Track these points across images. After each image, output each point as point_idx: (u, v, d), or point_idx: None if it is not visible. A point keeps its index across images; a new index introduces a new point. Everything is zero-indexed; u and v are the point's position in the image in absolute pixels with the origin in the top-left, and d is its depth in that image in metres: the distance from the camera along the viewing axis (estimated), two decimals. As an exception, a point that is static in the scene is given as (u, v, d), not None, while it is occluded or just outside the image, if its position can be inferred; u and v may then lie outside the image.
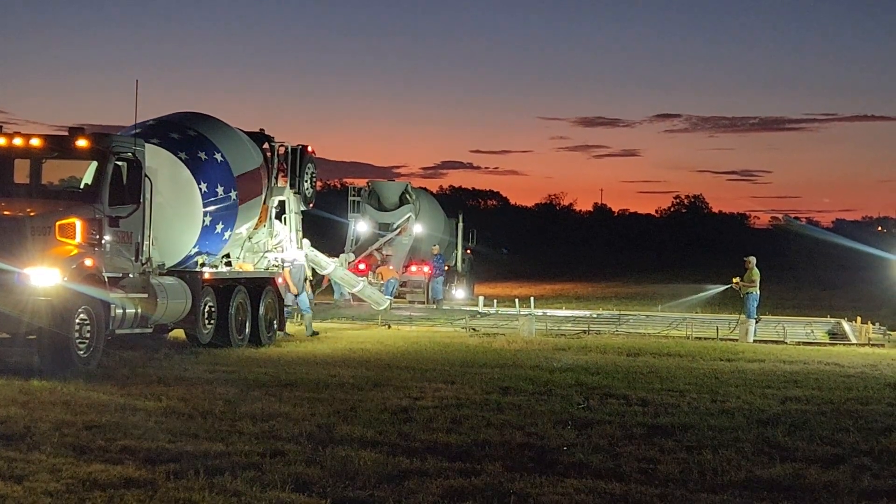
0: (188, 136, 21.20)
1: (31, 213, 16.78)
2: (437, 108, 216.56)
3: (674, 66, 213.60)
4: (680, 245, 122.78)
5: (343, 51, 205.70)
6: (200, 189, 20.46)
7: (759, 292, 27.64)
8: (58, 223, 16.85)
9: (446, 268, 44.41)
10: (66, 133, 18.37)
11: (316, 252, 28.15)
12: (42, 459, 9.91)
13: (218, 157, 21.19)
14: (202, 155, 20.88)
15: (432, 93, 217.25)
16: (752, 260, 27.85)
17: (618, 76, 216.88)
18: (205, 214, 20.54)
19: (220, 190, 20.96)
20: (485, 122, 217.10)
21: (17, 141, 18.07)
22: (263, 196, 23.22)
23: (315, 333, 24.84)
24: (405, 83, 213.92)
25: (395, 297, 36.62)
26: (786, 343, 26.58)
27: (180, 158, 20.41)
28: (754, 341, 26.52)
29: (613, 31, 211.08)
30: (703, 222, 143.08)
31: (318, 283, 26.97)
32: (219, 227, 21.07)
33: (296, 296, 24.85)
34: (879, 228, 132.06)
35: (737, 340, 26.59)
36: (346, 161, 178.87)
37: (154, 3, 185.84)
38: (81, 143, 17.92)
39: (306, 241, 26.17)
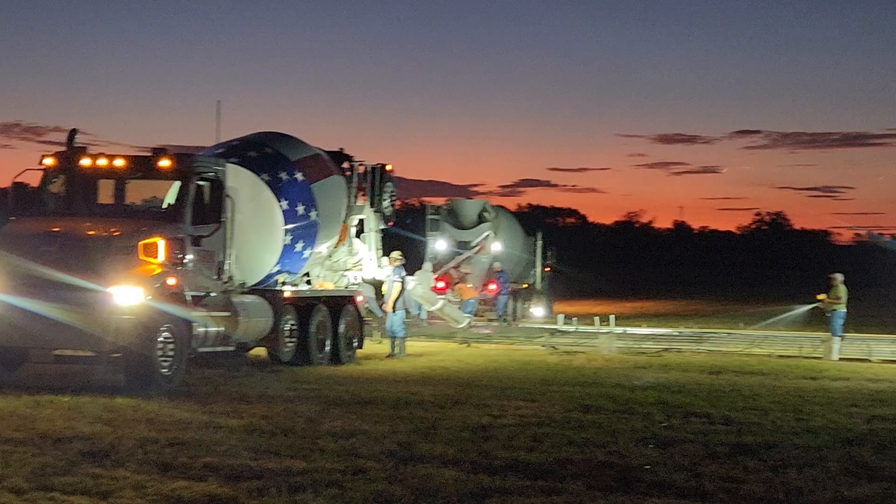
0: (269, 155, 21.37)
1: (116, 233, 17.01)
2: (514, 125, 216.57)
3: (753, 81, 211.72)
4: (761, 262, 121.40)
5: (421, 69, 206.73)
6: (281, 208, 20.60)
7: (845, 310, 27.22)
8: (141, 243, 17.06)
9: (524, 286, 44.32)
10: (150, 153, 18.60)
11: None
12: (127, 476, 10.01)
13: (298, 176, 21.33)
14: (283, 174, 21.03)
15: (510, 111, 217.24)
16: (839, 277, 27.43)
17: (697, 92, 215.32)
18: (286, 233, 20.69)
19: (300, 209, 21.10)
20: (563, 139, 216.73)
21: (102, 161, 18.32)
22: (343, 215, 23.33)
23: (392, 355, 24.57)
24: (483, 101, 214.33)
25: (474, 315, 36.53)
26: (871, 361, 26.14)
27: (261, 178, 20.58)
28: (839, 359, 26.10)
29: (692, 47, 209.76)
30: (784, 239, 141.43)
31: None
32: (299, 246, 21.20)
33: (385, 312, 24.65)
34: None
35: (821, 358, 26.21)
36: (424, 179, 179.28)
37: (236, 24, 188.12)
38: (164, 163, 18.13)
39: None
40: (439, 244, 40.36)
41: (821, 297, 27.59)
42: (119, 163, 18.29)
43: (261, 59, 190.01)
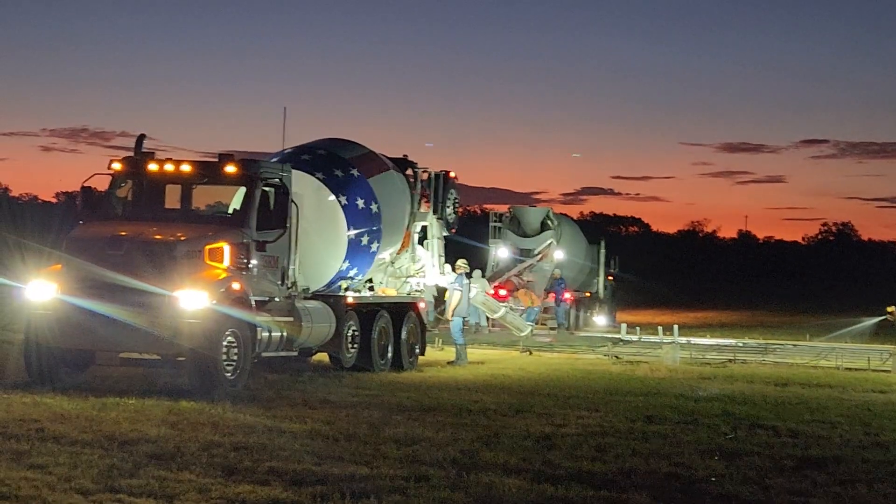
0: (334, 162, 21.45)
1: (182, 238, 17.14)
2: (577, 133, 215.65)
3: (820, 90, 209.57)
4: (828, 273, 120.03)
5: (485, 77, 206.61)
6: (345, 214, 20.67)
7: (914, 322, 26.84)
8: (207, 247, 17.18)
9: (587, 294, 44.14)
10: (216, 159, 18.73)
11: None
12: (191, 479, 10.07)
13: (362, 182, 21.40)
14: (346, 180, 21.10)
15: (572, 118, 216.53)
16: (907, 289, 27.05)
17: (762, 101, 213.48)
18: (349, 240, 20.75)
19: (364, 215, 21.15)
20: (625, 147, 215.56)
21: (169, 167, 18.45)
22: (406, 221, 23.36)
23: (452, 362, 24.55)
24: (545, 109, 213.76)
25: (535, 323, 36.40)
26: (940, 375, 25.71)
27: (326, 184, 20.67)
28: (908, 373, 25.70)
29: (757, 55, 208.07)
30: (851, 250, 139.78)
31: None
32: (363, 252, 21.25)
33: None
34: None
35: (889, 372, 25.83)
36: (486, 187, 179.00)
37: (301, 31, 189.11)
38: (230, 168, 18.24)
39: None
40: (501, 252, 40.30)
41: (890, 309, 27.23)
42: (186, 168, 18.43)
43: (326, 66, 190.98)
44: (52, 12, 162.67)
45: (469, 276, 25.44)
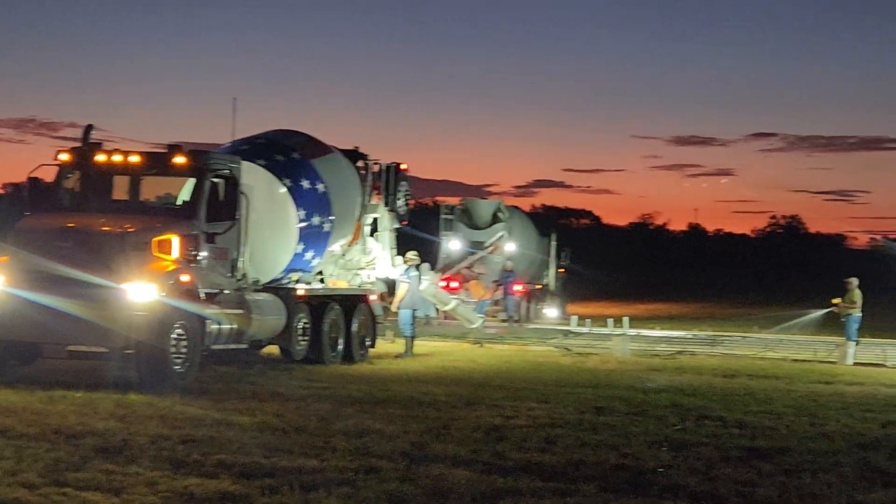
0: (284, 153, 21.38)
1: (130, 229, 17.02)
2: (529, 126, 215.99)
3: (770, 84, 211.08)
4: (776, 266, 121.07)
5: (437, 69, 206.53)
6: (296, 206, 20.61)
7: (860, 314, 27.14)
8: (155, 239, 17.07)
9: (538, 287, 44.28)
10: (165, 150, 18.62)
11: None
12: (139, 473, 10.01)
13: (312, 174, 21.34)
14: (297, 172, 21.04)
15: (525, 111, 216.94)
16: (854, 281, 27.34)
17: (712, 94, 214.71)
18: (300, 231, 20.69)
19: (316, 215, 21.09)
20: (577, 140, 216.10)
21: (117, 158, 18.34)
22: (357, 213, 23.33)
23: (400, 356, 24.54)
24: (497, 101, 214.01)
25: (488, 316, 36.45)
26: (886, 366, 26.07)
27: (276, 175, 20.60)
28: (854, 364, 26.02)
29: (708, 49, 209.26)
30: (799, 243, 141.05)
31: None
32: (310, 252, 21.19)
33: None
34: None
35: (835, 363, 26.13)
36: (438, 179, 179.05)
37: (250, 21, 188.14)
38: (179, 159, 18.14)
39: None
40: (453, 244, 40.34)
41: (836, 301, 27.52)
42: (134, 159, 18.31)
43: (276, 57, 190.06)
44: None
45: (418, 268, 25.43)
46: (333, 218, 21.65)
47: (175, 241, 17.23)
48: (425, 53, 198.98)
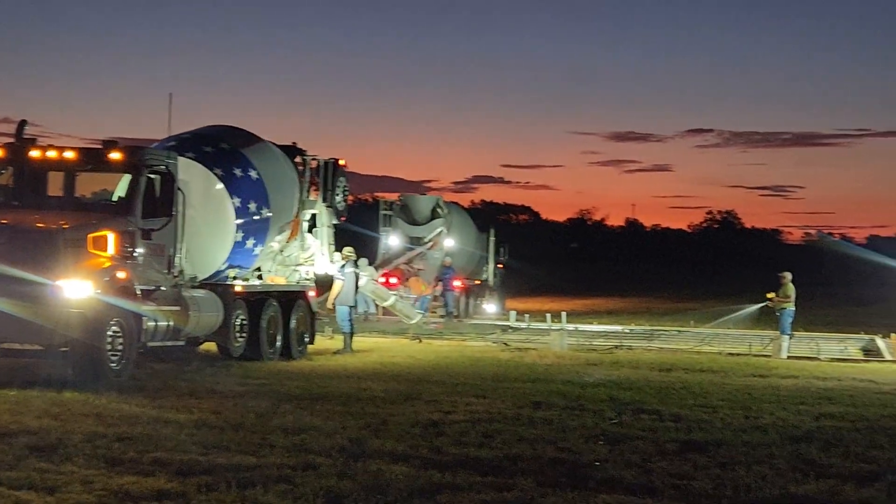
0: (221, 149, 21.28)
1: (65, 226, 16.83)
2: (468, 122, 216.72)
3: (706, 80, 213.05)
4: (712, 260, 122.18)
5: (374, 66, 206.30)
6: (233, 202, 20.52)
7: (794, 308, 27.47)
8: (91, 236, 16.90)
9: (477, 282, 44.37)
10: (100, 146, 18.46)
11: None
12: (74, 471, 9.92)
13: (250, 170, 21.24)
14: (235, 168, 20.94)
15: (463, 107, 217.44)
16: (788, 275, 27.67)
17: (649, 91, 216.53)
18: (237, 228, 20.59)
19: (252, 203, 21.01)
20: (516, 136, 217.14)
21: (51, 153, 18.14)
22: (295, 209, 23.26)
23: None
24: (436, 98, 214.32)
25: (427, 312, 36.45)
26: (819, 359, 26.39)
27: (213, 171, 20.48)
28: (788, 357, 26.33)
29: (645, 45, 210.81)
30: (735, 238, 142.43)
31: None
32: (251, 241, 21.11)
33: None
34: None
35: (770, 356, 26.42)
36: (378, 175, 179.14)
37: (188, 17, 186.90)
38: (115, 155, 17.99)
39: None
40: (392, 240, 40.32)
41: (770, 295, 27.83)
42: (69, 155, 18.13)
43: (213, 53, 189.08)
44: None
45: (356, 264, 25.41)
46: (271, 206, 21.53)
47: (111, 237, 17.07)
48: (364, 49, 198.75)
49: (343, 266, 24.79)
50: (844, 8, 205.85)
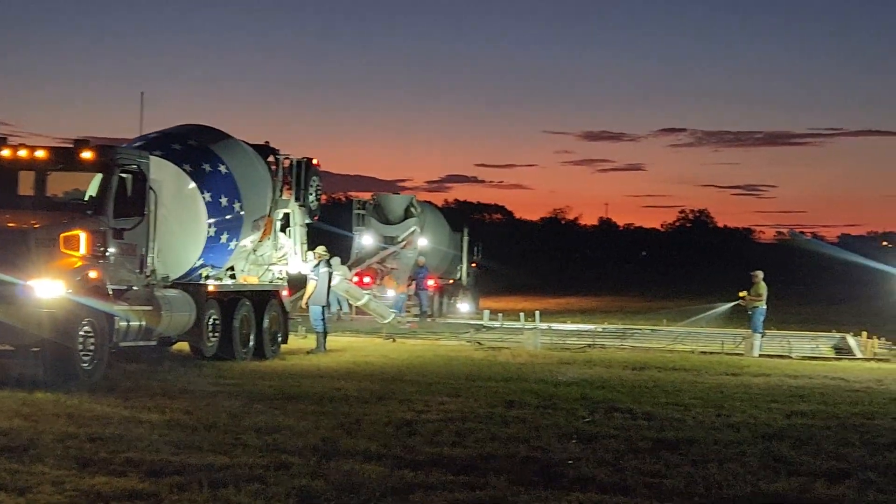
0: (193, 148, 21.20)
1: (36, 225, 16.75)
2: (441, 121, 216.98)
3: (679, 80, 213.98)
4: (685, 259, 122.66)
5: (348, 64, 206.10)
6: (205, 201, 20.44)
7: (765, 307, 27.61)
8: (62, 235, 16.83)
9: (450, 282, 44.40)
10: (71, 145, 18.37)
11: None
12: (45, 472, 9.87)
13: (223, 169, 21.18)
14: (207, 167, 20.88)
15: (437, 107, 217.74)
16: (760, 274, 27.81)
17: (623, 90, 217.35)
18: (209, 227, 20.53)
19: (224, 202, 20.94)
20: (489, 135, 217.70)
21: (22, 153, 18.08)
22: (268, 209, 23.20)
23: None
24: (410, 97, 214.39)
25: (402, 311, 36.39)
26: (791, 358, 26.54)
27: (185, 171, 20.40)
28: (760, 356, 26.46)
29: (618, 45, 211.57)
30: (708, 237, 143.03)
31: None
32: (223, 240, 21.05)
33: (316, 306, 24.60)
34: (884, 243, 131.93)
35: (742, 355, 26.54)
36: (351, 174, 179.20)
37: (160, 16, 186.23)
38: (86, 154, 17.92)
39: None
40: (365, 239, 40.29)
41: (742, 294, 27.96)
42: (40, 154, 18.06)
43: (185, 52, 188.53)
44: None
45: (329, 263, 25.37)
46: (243, 204, 21.46)
47: (82, 237, 17.00)
48: (338, 48, 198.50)
49: (317, 265, 24.75)
50: (817, 9, 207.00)
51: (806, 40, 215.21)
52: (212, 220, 20.56)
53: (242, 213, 21.52)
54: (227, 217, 21.03)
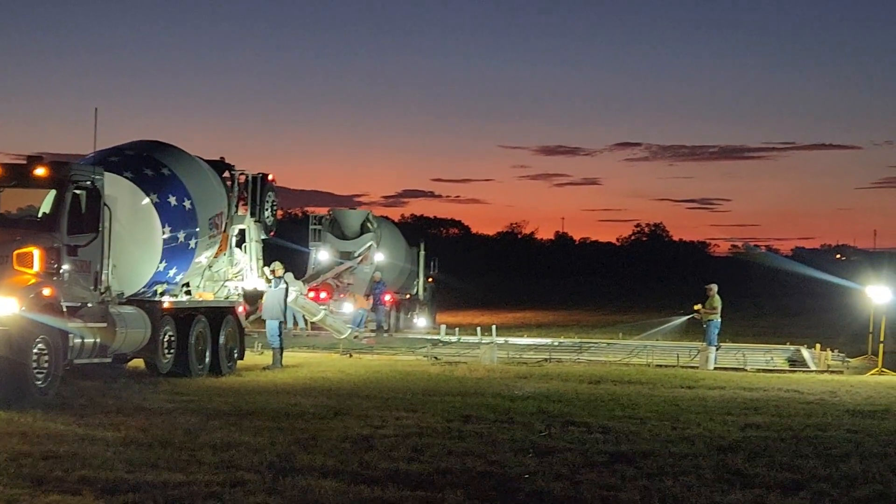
0: (148, 164, 21.09)
1: (-11, 242, 16.60)
2: (397, 136, 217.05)
3: (634, 95, 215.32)
4: (641, 273, 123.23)
5: (304, 79, 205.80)
6: (161, 222, 20.34)
7: (720, 320, 27.78)
8: (15, 252, 16.70)
9: (407, 296, 44.37)
10: (24, 161, 18.25)
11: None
12: (-2, 491, 9.79)
13: (185, 197, 21.08)
14: (162, 183, 20.78)
15: (393, 121, 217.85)
16: (714, 287, 27.99)
17: (578, 105, 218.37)
18: (164, 243, 20.42)
19: (181, 231, 20.85)
20: (446, 150, 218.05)
21: (-25, 170, 17.92)
22: (224, 225, 23.13)
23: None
24: (366, 112, 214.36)
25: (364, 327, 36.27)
26: (746, 370, 26.71)
27: (140, 187, 20.31)
28: (715, 368, 26.60)
29: (573, 60, 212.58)
30: (663, 250, 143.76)
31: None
32: (173, 269, 20.94)
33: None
34: (838, 256, 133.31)
35: (697, 368, 26.68)
36: (308, 190, 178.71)
37: (112, 31, 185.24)
38: (40, 171, 17.80)
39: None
40: (322, 254, 40.22)
41: (697, 307, 28.12)
42: (-7, 170, 17.91)
43: (139, 67, 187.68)
44: None
45: (283, 278, 25.29)
46: (199, 232, 21.43)
47: (36, 253, 16.89)
48: (292, 63, 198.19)
49: (274, 282, 24.70)
50: (770, 24, 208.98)
51: (760, 55, 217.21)
52: (167, 243, 20.44)
53: (197, 230, 21.42)
54: (182, 238, 20.93)
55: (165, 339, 20.64)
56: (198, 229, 21.45)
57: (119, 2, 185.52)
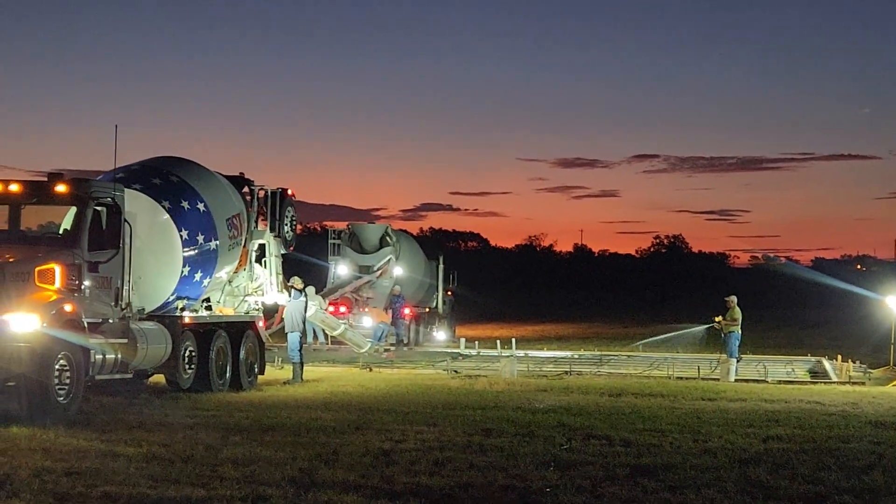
0: (168, 180, 21.20)
1: (10, 259, 16.70)
2: (415, 150, 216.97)
3: (652, 106, 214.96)
4: (660, 285, 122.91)
5: (322, 94, 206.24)
6: (180, 233, 20.43)
7: (740, 331, 27.71)
8: (37, 269, 16.78)
9: (426, 310, 44.39)
10: (45, 178, 18.34)
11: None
12: (22, 507, 9.83)
13: (198, 201, 21.19)
14: (182, 199, 20.87)
15: (411, 135, 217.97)
16: (734, 299, 27.93)
17: (596, 117, 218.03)
18: (185, 259, 20.50)
19: (200, 234, 20.93)
20: (464, 163, 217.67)
21: (-4, 187, 18.01)
22: (243, 240, 23.20)
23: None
24: (384, 126, 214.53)
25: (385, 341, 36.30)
26: (767, 382, 26.63)
27: (160, 203, 20.40)
28: (736, 380, 26.54)
29: (591, 72, 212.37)
30: (683, 262, 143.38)
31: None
32: (199, 273, 21.02)
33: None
34: (858, 266, 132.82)
35: (718, 380, 26.61)
36: (326, 204, 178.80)
37: (134, 48, 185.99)
38: (61, 188, 17.89)
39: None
40: (341, 269, 40.27)
41: (717, 318, 28.05)
42: (14, 188, 18.01)
43: (159, 83, 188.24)
44: None
45: (303, 293, 25.35)
46: (217, 234, 21.48)
47: (57, 270, 16.96)
48: (312, 78, 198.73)
49: (293, 296, 24.77)
50: (788, 34, 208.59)
51: (778, 66, 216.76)
52: (187, 253, 20.53)
53: (217, 244, 21.50)
54: (203, 249, 21.01)
55: (186, 355, 20.70)
56: (216, 230, 21.46)
57: (140, 21, 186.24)
